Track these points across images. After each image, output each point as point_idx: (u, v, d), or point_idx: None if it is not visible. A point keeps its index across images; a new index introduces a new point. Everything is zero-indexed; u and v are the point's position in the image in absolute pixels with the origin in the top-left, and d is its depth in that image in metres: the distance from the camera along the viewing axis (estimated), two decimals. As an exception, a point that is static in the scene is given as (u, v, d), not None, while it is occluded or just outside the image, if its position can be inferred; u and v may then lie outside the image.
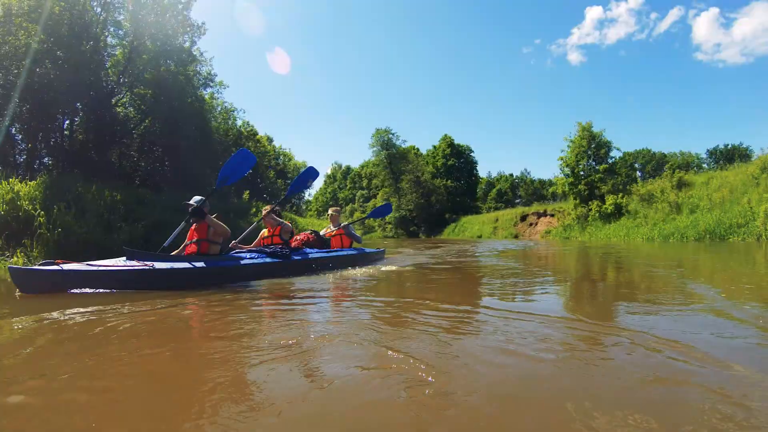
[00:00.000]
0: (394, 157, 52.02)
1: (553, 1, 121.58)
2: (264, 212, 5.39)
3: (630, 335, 2.01)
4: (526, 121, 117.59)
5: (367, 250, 6.96)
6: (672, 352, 1.74)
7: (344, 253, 6.08)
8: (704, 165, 54.76)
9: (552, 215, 29.53)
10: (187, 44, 16.42)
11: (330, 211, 7.11)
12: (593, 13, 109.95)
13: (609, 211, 21.57)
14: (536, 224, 31.26)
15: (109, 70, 14.51)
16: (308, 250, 5.65)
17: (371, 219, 63.78)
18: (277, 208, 5.51)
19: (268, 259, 4.52)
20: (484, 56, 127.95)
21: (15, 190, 6.91)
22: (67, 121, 13.77)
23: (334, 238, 6.71)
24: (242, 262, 4.28)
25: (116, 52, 15.10)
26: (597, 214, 22.44)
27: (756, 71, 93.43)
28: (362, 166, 72.98)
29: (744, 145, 51.78)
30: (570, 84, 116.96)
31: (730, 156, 48.81)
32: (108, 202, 7.70)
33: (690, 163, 55.24)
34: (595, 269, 6.27)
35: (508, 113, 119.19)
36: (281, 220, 5.42)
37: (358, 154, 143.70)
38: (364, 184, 71.63)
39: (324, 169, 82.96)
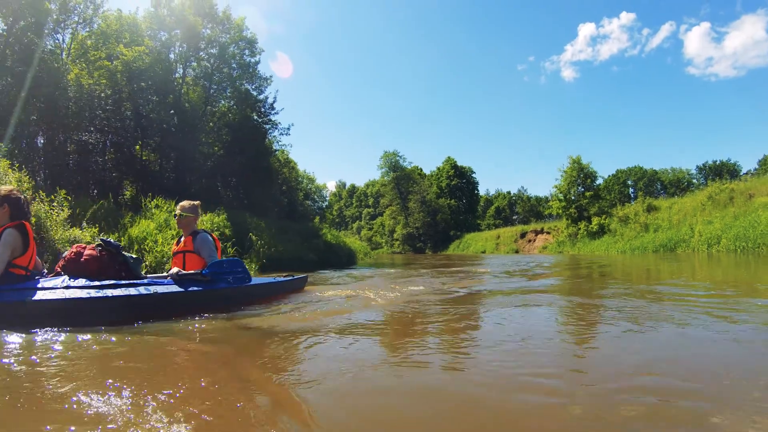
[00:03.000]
0: (401, 178, 56.88)
1: (546, 19, 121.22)
2: None
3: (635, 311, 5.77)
4: (521, 137, 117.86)
5: (245, 283, 3.73)
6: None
7: (157, 290, 3.08)
8: (694, 180, 55.64)
9: (548, 233, 33.97)
10: (263, 96, 20.86)
11: (177, 210, 3.83)
12: (586, 29, 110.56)
13: (594, 230, 26.03)
14: (534, 240, 35.66)
15: (195, 107, 18.45)
16: (40, 284, 2.75)
17: (377, 235, 67.97)
18: (19, 195, 2.97)
19: None
20: (479, 73, 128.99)
21: (213, 220, 11.15)
22: (154, 152, 17.66)
23: (176, 258, 3.77)
24: None
25: (197, 98, 19.21)
26: (585, 233, 26.88)
27: (748, 84, 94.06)
28: (367, 185, 77.60)
29: (732, 161, 52.64)
30: (564, 100, 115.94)
31: (718, 171, 49.29)
32: (261, 228, 11.91)
33: (681, 179, 56.66)
34: (595, 273, 10.45)
35: (503, 130, 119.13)
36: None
37: (364, 171, 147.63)
38: (371, 203, 76.03)
39: (329, 186, 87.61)
